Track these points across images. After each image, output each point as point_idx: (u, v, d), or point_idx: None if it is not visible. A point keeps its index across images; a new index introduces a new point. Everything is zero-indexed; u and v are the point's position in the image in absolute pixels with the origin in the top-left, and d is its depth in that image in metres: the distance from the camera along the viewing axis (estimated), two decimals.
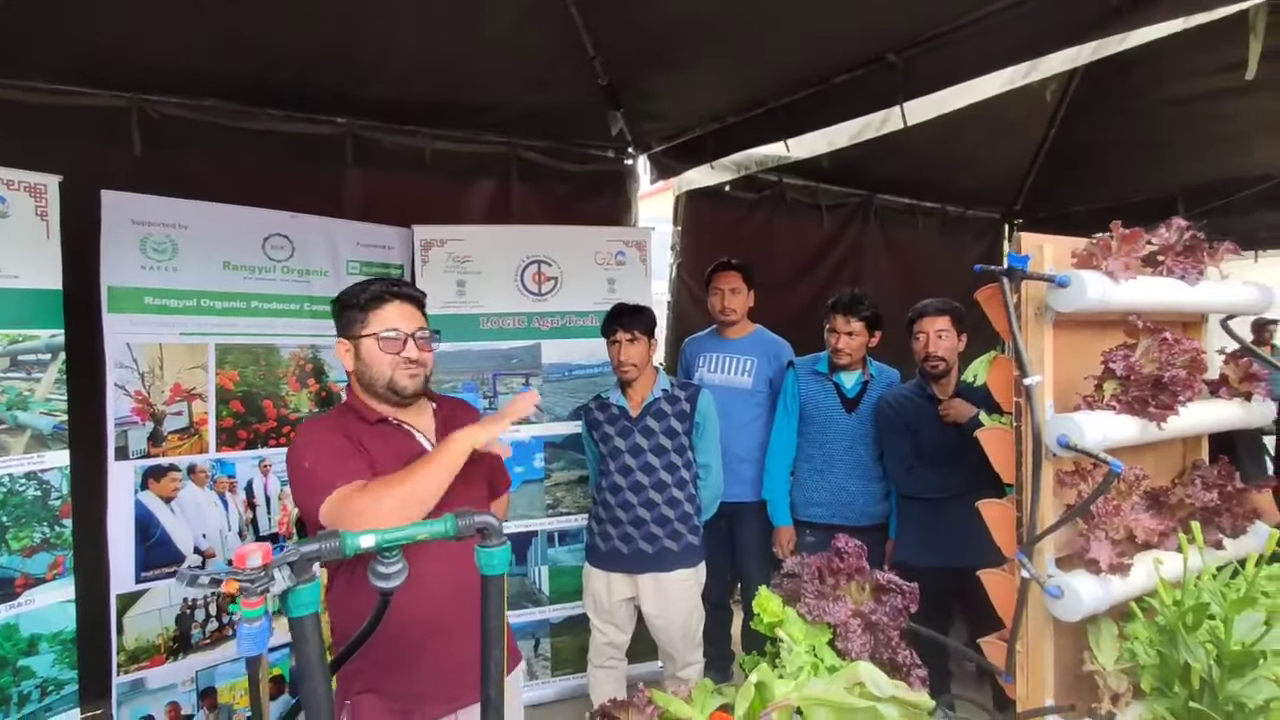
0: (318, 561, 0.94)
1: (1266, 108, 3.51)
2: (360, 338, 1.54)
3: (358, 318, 1.54)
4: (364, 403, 1.58)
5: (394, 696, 1.54)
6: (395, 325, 1.53)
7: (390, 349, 1.53)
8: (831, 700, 1.17)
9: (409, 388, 1.55)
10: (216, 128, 2.92)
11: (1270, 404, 1.79)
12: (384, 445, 1.54)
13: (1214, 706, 1.31)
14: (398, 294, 1.56)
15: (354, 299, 1.56)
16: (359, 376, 1.58)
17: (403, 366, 1.53)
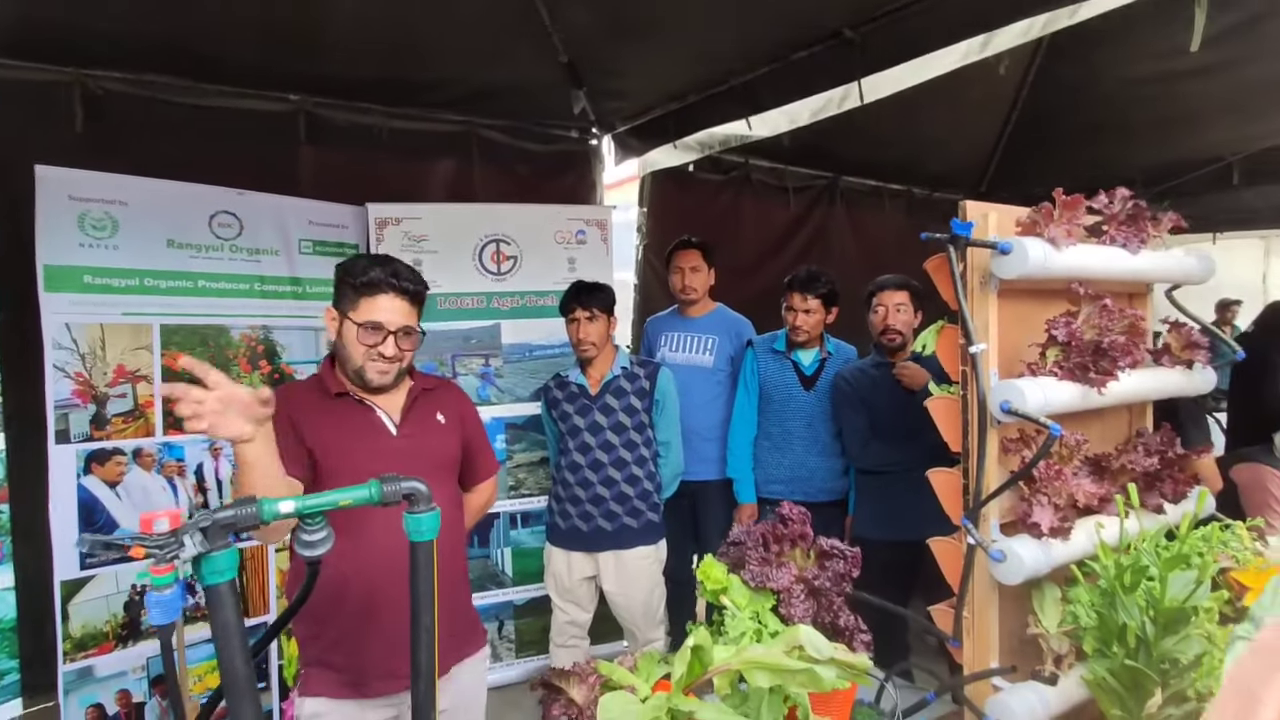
0: (234, 528, 0.91)
1: (1219, 89, 3.56)
2: (345, 317, 1.53)
3: (350, 296, 1.53)
4: (332, 375, 1.59)
5: (344, 669, 1.53)
6: (380, 319, 1.51)
7: (367, 340, 1.51)
8: (770, 663, 1.17)
9: (375, 381, 1.55)
10: (162, 104, 2.82)
11: (1211, 371, 1.82)
12: (338, 419, 1.54)
13: (1149, 664, 1.33)
14: (395, 287, 1.53)
15: (354, 276, 1.53)
16: (337, 350, 1.58)
17: (374, 360, 1.52)
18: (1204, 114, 3.83)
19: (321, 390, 1.58)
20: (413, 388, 1.65)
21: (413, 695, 1.03)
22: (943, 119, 4.20)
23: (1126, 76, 3.74)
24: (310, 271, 2.77)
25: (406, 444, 1.58)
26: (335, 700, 1.52)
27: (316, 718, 1.52)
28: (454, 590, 1.63)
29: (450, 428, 1.69)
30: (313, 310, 2.77)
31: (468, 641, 1.69)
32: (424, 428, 1.63)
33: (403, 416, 1.61)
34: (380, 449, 1.54)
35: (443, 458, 1.66)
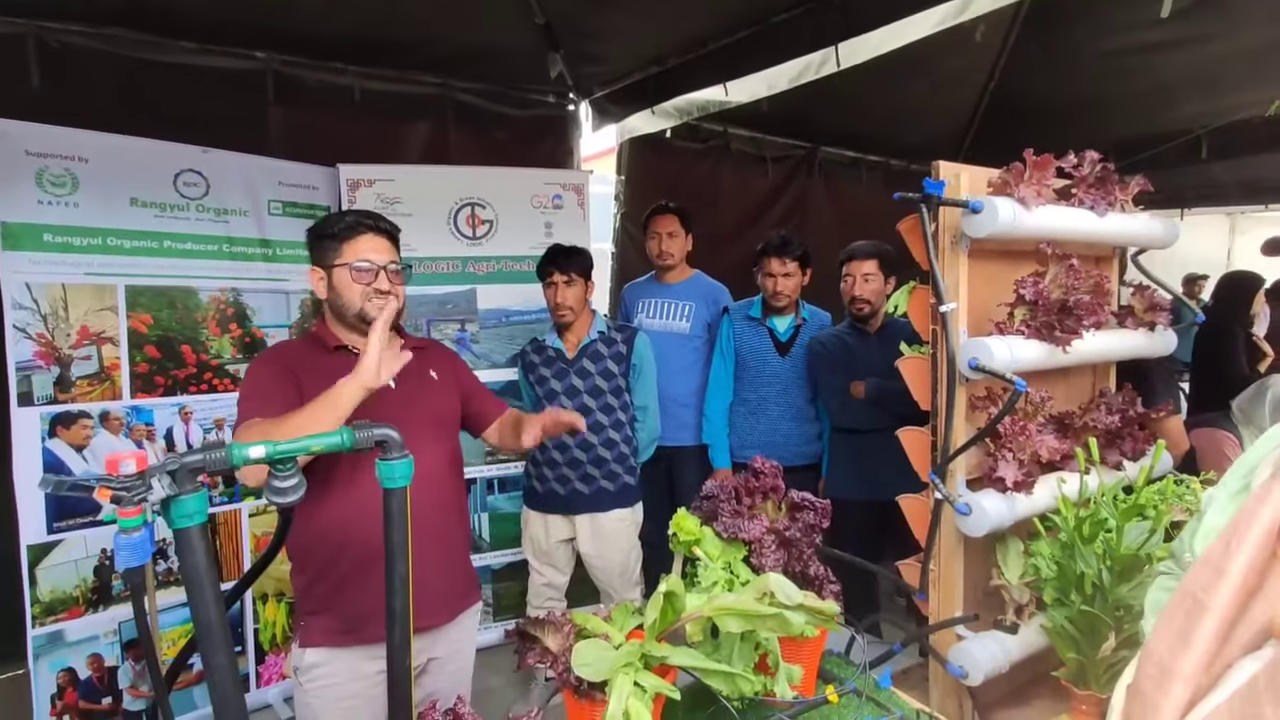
0: (203, 472, 0.90)
1: (1190, 62, 3.61)
2: (333, 266, 1.56)
3: (331, 247, 1.56)
4: (329, 330, 1.61)
5: (343, 616, 1.55)
6: (368, 256, 1.55)
7: (362, 279, 1.53)
8: (741, 609, 1.20)
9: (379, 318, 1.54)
10: (122, 59, 2.73)
11: (1172, 334, 1.87)
12: (336, 373, 1.50)
13: (1104, 610, 1.38)
14: (372, 226, 1.58)
15: (329, 228, 1.57)
16: (331, 306, 1.60)
17: (373, 297, 1.55)
18: (1175, 87, 3.88)
19: (319, 346, 1.60)
20: (402, 346, 1.62)
21: (387, 639, 1.03)
22: (920, 90, 4.21)
23: (1100, 49, 3.77)
24: (280, 233, 2.72)
25: (405, 399, 1.60)
26: (335, 649, 1.55)
27: (316, 668, 1.55)
28: (455, 544, 1.68)
29: (444, 384, 1.71)
30: (284, 273, 2.73)
31: (466, 595, 1.73)
32: (420, 383, 1.65)
33: (399, 372, 1.58)
34: (380, 401, 1.52)
35: (441, 413, 1.69)
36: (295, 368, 1.54)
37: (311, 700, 1.55)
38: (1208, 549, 0.55)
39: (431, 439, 1.64)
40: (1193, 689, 0.52)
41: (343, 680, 1.54)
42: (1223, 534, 0.54)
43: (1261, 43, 3.35)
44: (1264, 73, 3.60)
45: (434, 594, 1.60)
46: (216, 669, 0.90)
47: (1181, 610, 0.54)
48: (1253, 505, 0.53)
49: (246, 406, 1.50)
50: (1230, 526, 0.54)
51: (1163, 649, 0.55)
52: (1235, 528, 0.53)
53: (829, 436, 2.75)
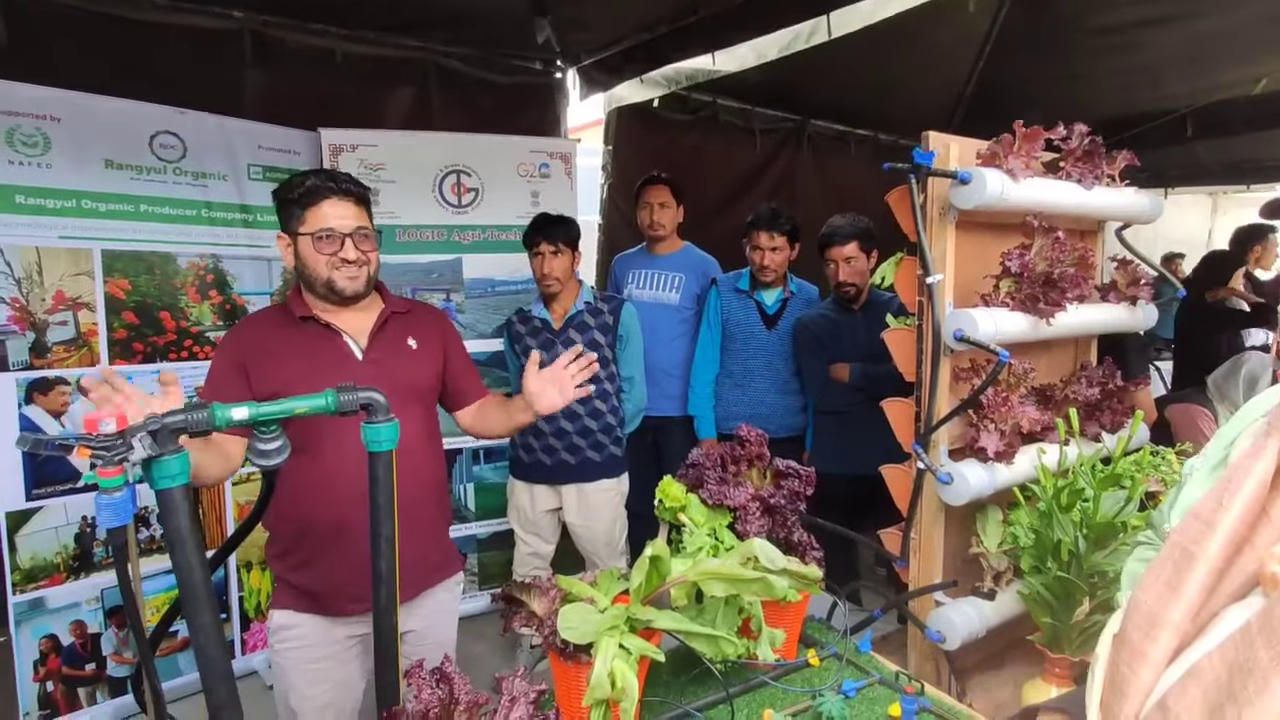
0: (185, 432, 0.90)
1: (1176, 40, 3.60)
2: (298, 234, 1.48)
3: (295, 213, 1.48)
4: (299, 299, 1.54)
5: (311, 591, 1.54)
6: (331, 225, 1.46)
7: (326, 249, 1.47)
8: (725, 573, 1.21)
9: (347, 289, 1.50)
10: (93, 16, 2.63)
11: (1154, 308, 1.89)
12: (300, 346, 1.51)
13: (1079, 575, 1.41)
14: (335, 190, 1.48)
15: (290, 193, 1.49)
16: (299, 273, 1.53)
17: (340, 267, 1.48)
18: (1161, 65, 3.88)
19: (285, 316, 1.54)
20: (383, 310, 1.60)
21: (374, 600, 1.04)
22: (910, 65, 4.17)
23: (1088, 26, 3.75)
24: (261, 199, 2.66)
25: (373, 369, 1.53)
26: (303, 614, 1.54)
27: (284, 629, 1.54)
28: (429, 519, 1.62)
29: (423, 353, 1.63)
30: (264, 240, 2.68)
31: (439, 569, 1.69)
32: (393, 352, 1.58)
33: (370, 341, 1.56)
34: (345, 375, 1.47)
35: (413, 384, 1.60)
36: (251, 352, 1.49)
37: (282, 660, 1.55)
38: (1198, 504, 0.56)
39: (402, 412, 1.55)
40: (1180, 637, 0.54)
41: (311, 643, 1.54)
42: (1213, 491, 0.56)
43: (1248, 20, 3.35)
44: (1250, 51, 3.61)
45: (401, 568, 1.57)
46: (201, 630, 0.90)
47: (1170, 561, 0.56)
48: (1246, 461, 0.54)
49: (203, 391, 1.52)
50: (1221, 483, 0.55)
51: (1150, 599, 0.56)
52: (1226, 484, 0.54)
53: (813, 411, 2.77)
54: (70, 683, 2.34)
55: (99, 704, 2.39)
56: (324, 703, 1.55)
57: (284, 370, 1.47)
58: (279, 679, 1.58)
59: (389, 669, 1.06)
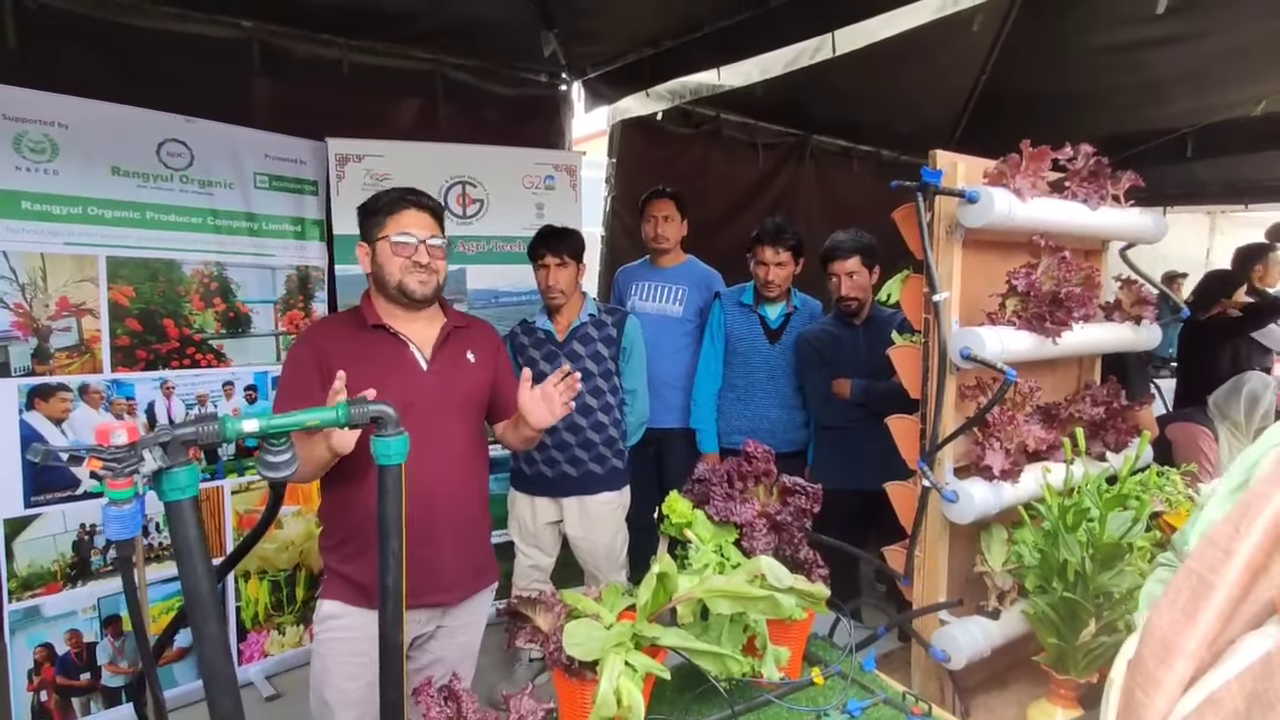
0: (195, 444, 0.89)
1: (1179, 60, 3.63)
2: (376, 240, 1.61)
3: (376, 221, 1.62)
4: (370, 306, 1.66)
5: (361, 584, 1.59)
6: (409, 230, 1.60)
7: (402, 252, 1.59)
8: (732, 590, 1.21)
9: (418, 292, 1.61)
10: (103, 23, 2.64)
11: (1157, 328, 1.90)
12: (370, 351, 1.62)
13: (1085, 596, 1.41)
14: (415, 202, 1.63)
15: (375, 204, 1.64)
16: (375, 279, 1.64)
17: (413, 270, 1.60)
18: (1165, 83, 3.90)
19: (357, 322, 1.65)
20: (445, 324, 1.70)
21: (380, 616, 1.03)
22: (913, 80, 4.20)
23: (1091, 44, 3.78)
24: (267, 207, 2.67)
25: (436, 380, 1.63)
26: (351, 606, 1.59)
27: (332, 619, 1.60)
28: (475, 525, 1.71)
29: (480, 367, 1.74)
30: (270, 248, 2.68)
31: (481, 576, 1.76)
32: (454, 364, 1.68)
33: (434, 352, 1.66)
34: (411, 383, 1.60)
35: (471, 396, 1.71)
36: (326, 352, 1.58)
37: (324, 650, 1.61)
38: (1214, 531, 0.56)
39: (459, 420, 1.69)
40: (1195, 664, 0.53)
41: (355, 636, 1.58)
42: (1230, 517, 0.55)
43: (1252, 40, 3.38)
44: (1253, 71, 3.64)
45: (449, 573, 1.65)
46: (207, 640, 0.89)
47: (1187, 588, 0.55)
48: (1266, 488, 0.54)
49: (278, 401, 1.62)
50: (1239, 510, 0.55)
51: (1166, 625, 0.56)
52: (1245, 510, 0.54)
53: (815, 426, 2.76)
54: (65, 693, 2.32)
55: (93, 714, 2.37)
56: (356, 698, 1.59)
57: (355, 369, 1.54)
58: (317, 670, 1.63)
59: (392, 686, 1.05)
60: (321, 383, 1.53)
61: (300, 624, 2.82)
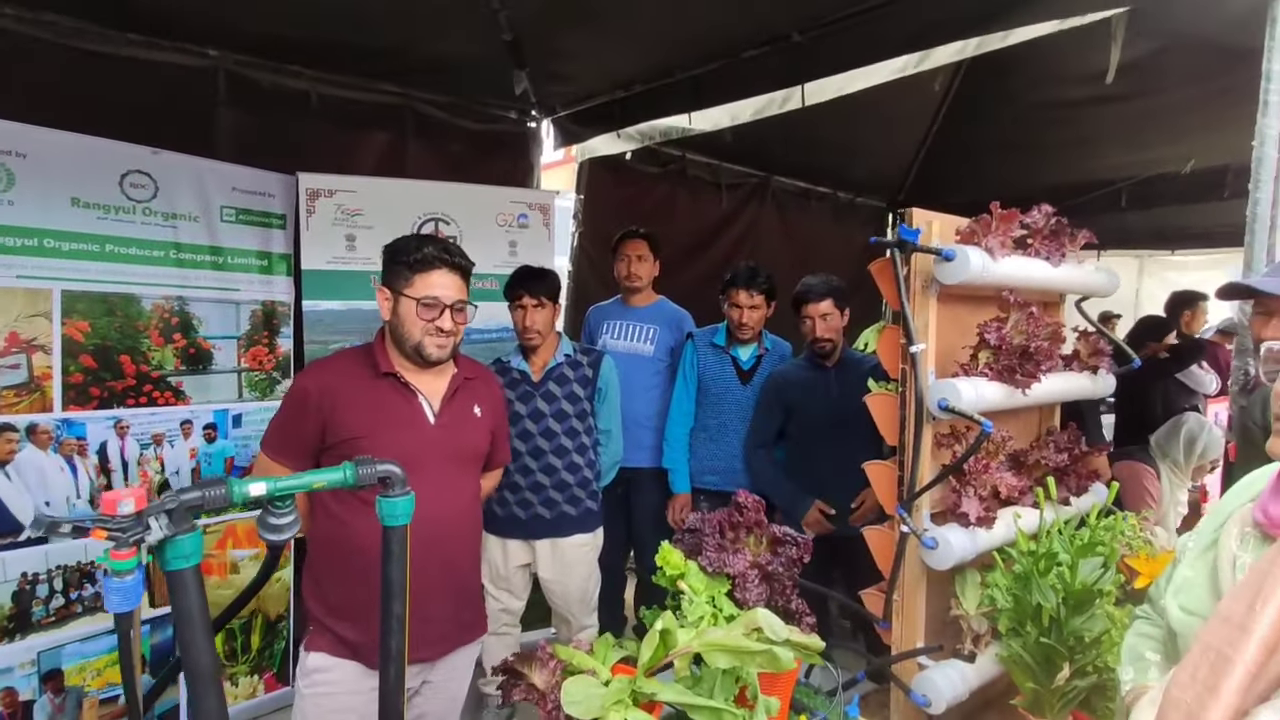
0: (201, 510, 0.87)
1: (1115, 117, 3.89)
2: (401, 294, 1.57)
3: (404, 274, 1.58)
4: (384, 352, 1.62)
5: (344, 637, 1.56)
6: (437, 293, 1.57)
7: (426, 315, 1.57)
8: (730, 645, 1.22)
9: (434, 355, 1.59)
10: (61, 49, 2.56)
11: (1112, 377, 2.01)
12: (379, 399, 1.59)
13: (1059, 640, 1.46)
14: (448, 262, 1.59)
15: (405, 255, 1.59)
16: (391, 329, 1.62)
17: (433, 334, 1.58)
18: (1100, 141, 4.17)
19: (369, 365, 1.61)
20: (455, 376, 1.69)
21: (380, 680, 1.01)
22: (870, 129, 4.39)
23: (1035, 100, 4.02)
24: (232, 241, 2.60)
25: (442, 433, 1.62)
26: (337, 659, 1.55)
27: (320, 672, 1.56)
28: (468, 580, 1.71)
29: (484, 421, 1.74)
30: (235, 282, 2.61)
31: (470, 628, 1.74)
32: (460, 418, 1.67)
33: (442, 405, 1.64)
34: (417, 435, 1.59)
35: (473, 450, 1.71)
36: (332, 393, 1.55)
37: (308, 705, 1.56)
38: (1226, 607, 0.60)
39: (460, 475, 1.67)
40: None
41: (341, 690, 1.54)
42: (1243, 595, 0.59)
43: (1176, 104, 3.64)
44: (1178, 132, 3.92)
45: (437, 626, 1.62)
46: (207, 714, 0.86)
47: (1206, 663, 0.59)
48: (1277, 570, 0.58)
49: (269, 437, 1.62)
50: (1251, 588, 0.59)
51: (1190, 699, 0.59)
52: (1258, 590, 0.58)
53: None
54: None
55: None
56: None
57: (360, 420, 1.55)
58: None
59: None
60: (317, 426, 1.52)
61: (254, 674, 2.69)
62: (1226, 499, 0.96)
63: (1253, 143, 1.69)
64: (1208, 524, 0.97)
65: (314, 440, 1.57)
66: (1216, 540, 0.93)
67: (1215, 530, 0.94)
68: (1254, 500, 0.90)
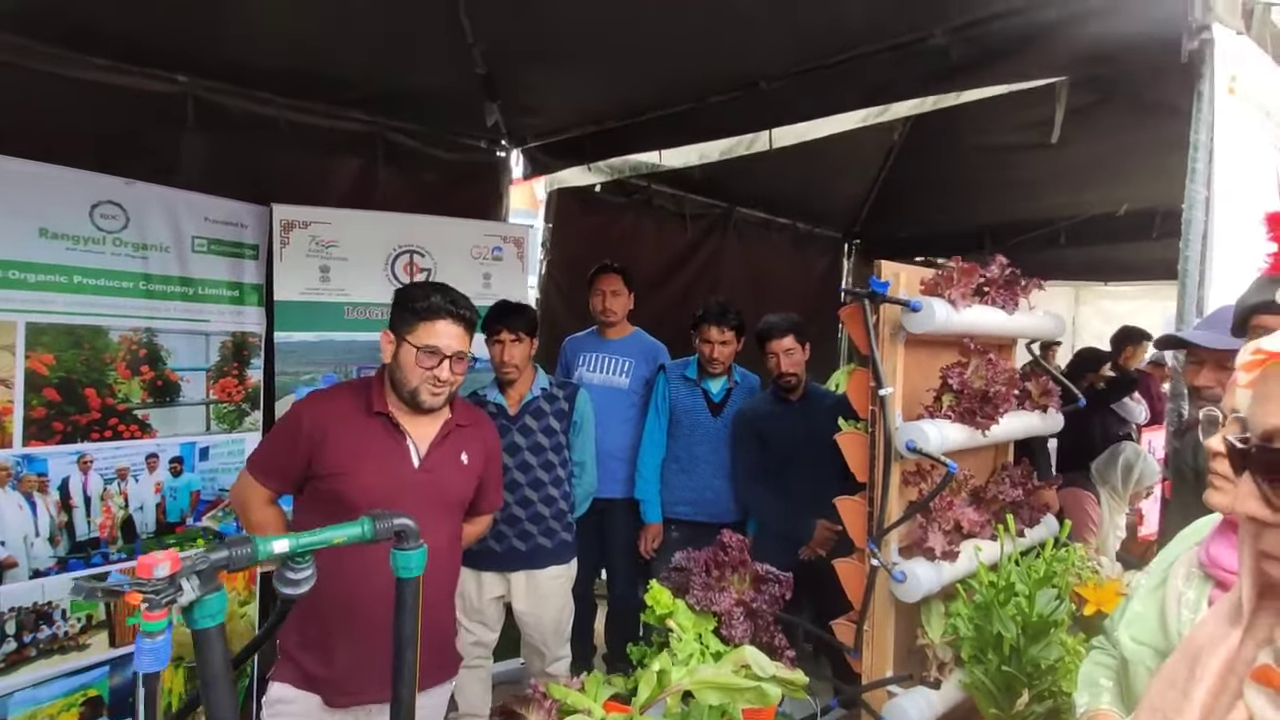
0: (226, 569, 0.89)
1: (1051, 162, 4.14)
2: (404, 340, 1.61)
3: (409, 320, 1.62)
4: (380, 392, 1.66)
5: (310, 673, 1.58)
6: (438, 344, 1.60)
7: (426, 364, 1.60)
8: (720, 682, 1.28)
9: (428, 404, 1.63)
10: (24, 72, 2.51)
11: (1060, 415, 2.16)
12: (367, 438, 1.62)
13: (1019, 668, 1.57)
14: (453, 313, 1.63)
15: (413, 301, 1.63)
16: (390, 372, 1.65)
17: (430, 383, 1.61)
18: (1038, 183, 4.45)
19: (362, 403, 1.64)
20: (448, 422, 1.71)
21: None
22: (827, 166, 4.58)
23: (981, 144, 4.26)
24: (204, 272, 2.57)
25: (426, 478, 1.64)
26: (301, 690, 1.57)
27: (281, 703, 1.57)
28: (443, 623, 1.72)
29: (471, 469, 1.75)
30: (205, 313, 2.58)
31: (443, 669, 1.76)
32: (446, 464, 1.69)
33: (430, 449, 1.66)
34: (400, 478, 1.61)
35: (456, 496, 1.73)
36: (324, 427, 1.58)
37: None
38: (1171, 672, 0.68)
39: (441, 520, 1.69)
40: None
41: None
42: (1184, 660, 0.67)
43: (1107, 151, 3.91)
44: (1111, 176, 4.21)
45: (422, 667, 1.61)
46: None
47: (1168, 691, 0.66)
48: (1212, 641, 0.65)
49: (257, 457, 1.65)
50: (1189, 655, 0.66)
51: None
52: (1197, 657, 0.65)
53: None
54: None
55: None
56: None
57: (346, 456, 1.57)
58: None
59: None
60: (305, 455, 1.56)
61: None
62: (1175, 543, 1.07)
63: (1182, 205, 1.85)
64: (1158, 565, 1.08)
65: (301, 468, 1.60)
66: (1165, 580, 1.04)
67: (1164, 570, 1.05)
68: (1199, 544, 1.02)
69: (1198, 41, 1.77)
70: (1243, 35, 1.85)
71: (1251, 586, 0.61)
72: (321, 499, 1.59)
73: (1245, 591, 0.62)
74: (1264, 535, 0.59)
